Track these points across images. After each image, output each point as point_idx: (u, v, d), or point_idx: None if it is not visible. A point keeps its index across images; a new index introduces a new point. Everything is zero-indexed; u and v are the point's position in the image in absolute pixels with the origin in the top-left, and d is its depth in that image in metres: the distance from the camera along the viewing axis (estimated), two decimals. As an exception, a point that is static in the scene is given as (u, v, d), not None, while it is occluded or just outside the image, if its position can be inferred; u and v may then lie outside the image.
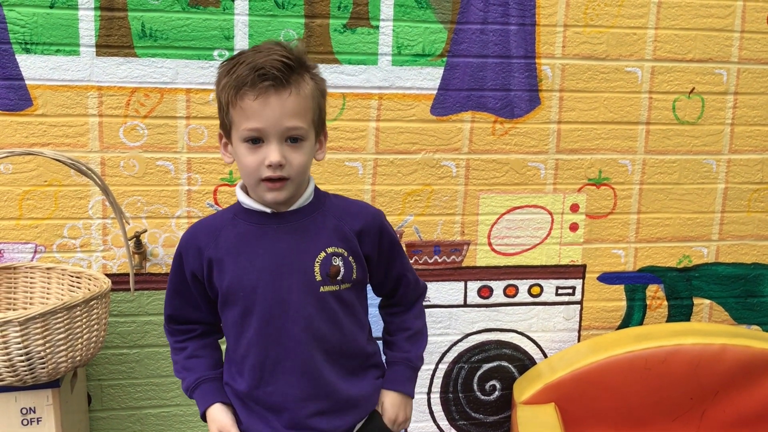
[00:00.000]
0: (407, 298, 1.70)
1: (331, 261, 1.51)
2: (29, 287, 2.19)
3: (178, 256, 1.57)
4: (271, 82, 1.39)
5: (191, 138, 2.28)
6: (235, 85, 1.41)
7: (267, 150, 1.42)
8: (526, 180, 2.48)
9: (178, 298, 1.60)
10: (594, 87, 2.46)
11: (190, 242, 1.56)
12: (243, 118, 1.42)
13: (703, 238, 2.64)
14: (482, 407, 2.62)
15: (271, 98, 1.40)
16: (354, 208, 1.59)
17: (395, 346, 1.68)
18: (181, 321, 1.62)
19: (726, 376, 2.42)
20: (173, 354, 1.65)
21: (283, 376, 1.51)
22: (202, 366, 1.61)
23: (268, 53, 1.41)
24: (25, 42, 2.15)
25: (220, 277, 1.52)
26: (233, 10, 2.23)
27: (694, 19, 2.47)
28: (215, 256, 1.52)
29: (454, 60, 2.37)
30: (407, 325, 1.70)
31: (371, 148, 2.37)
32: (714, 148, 2.58)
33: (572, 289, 2.59)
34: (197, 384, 1.59)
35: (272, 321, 1.50)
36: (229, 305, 1.53)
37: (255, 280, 1.50)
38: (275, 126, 1.41)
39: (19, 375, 1.82)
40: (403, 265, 1.67)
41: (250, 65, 1.40)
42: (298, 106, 1.43)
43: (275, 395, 1.52)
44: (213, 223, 1.57)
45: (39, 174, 2.22)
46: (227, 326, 1.57)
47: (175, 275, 1.59)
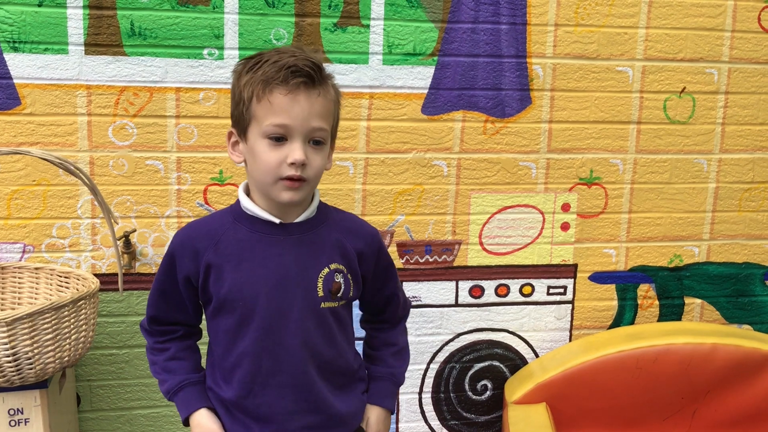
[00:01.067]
0: (395, 316, 1.69)
1: (334, 277, 1.51)
2: (17, 287, 2.17)
3: (169, 257, 1.52)
4: (303, 79, 1.38)
5: (181, 137, 2.27)
6: (264, 80, 1.38)
7: (290, 148, 1.39)
8: (518, 179, 2.48)
9: (164, 300, 1.55)
10: (585, 86, 2.46)
11: (185, 244, 1.50)
12: (269, 113, 1.39)
13: (694, 238, 2.64)
14: (474, 407, 2.61)
15: (301, 95, 1.38)
16: (355, 226, 1.58)
17: (380, 361, 1.67)
18: (164, 322, 1.58)
19: (717, 375, 2.42)
20: (152, 354, 1.59)
21: (274, 388, 1.49)
22: (185, 368, 1.57)
23: (295, 54, 1.40)
24: (13, 40, 2.14)
25: (217, 283, 1.48)
26: (223, 9, 2.22)
27: (685, 19, 2.47)
28: (214, 262, 1.48)
29: (445, 59, 2.36)
30: (393, 341, 1.68)
31: (362, 147, 2.37)
32: (705, 148, 2.58)
33: (563, 288, 2.59)
34: (181, 387, 1.55)
35: (271, 333, 1.47)
36: (223, 313, 1.50)
37: (257, 290, 1.46)
38: (302, 124, 1.39)
39: (6, 376, 1.81)
40: (395, 284, 1.66)
41: (278, 63, 1.38)
42: (324, 108, 1.42)
43: (264, 407, 1.50)
44: (211, 226, 1.51)
45: (27, 173, 2.21)
46: (217, 333, 1.53)
47: (165, 276, 1.53)
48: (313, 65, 1.39)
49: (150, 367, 1.60)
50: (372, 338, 1.70)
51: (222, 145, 2.28)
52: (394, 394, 1.67)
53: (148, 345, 1.60)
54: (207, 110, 2.26)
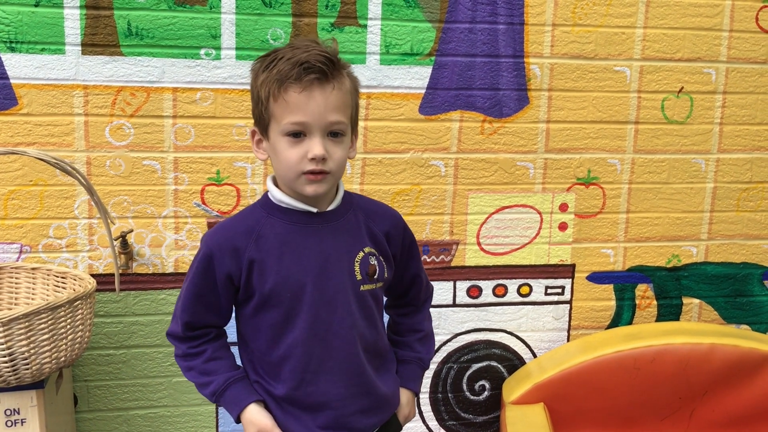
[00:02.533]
0: (418, 299, 1.71)
1: (369, 260, 1.54)
2: (14, 288, 2.17)
3: (206, 259, 1.49)
4: (316, 75, 1.39)
5: (178, 137, 2.27)
6: (278, 79, 1.40)
7: (310, 143, 1.41)
8: (515, 179, 2.47)
9: (201, 304, 1.53)
10: (583, 86, 2.46)
11: (223, 244, 1.49)
12: (286, 112, 1.41)
13: (693, 238, 2.63)
14: (471, 407, 2.61)
15: (316, 91, 1.40)
16: (379, 209, 1.61)
17: (407, 347, 1.70)
18: (198, 327, 1.55)
19: (715, 375, 2.42)
20: (186, 360, 1.56)
21: (326, 375, 1.51)
22: (226, 367, 1.55)
23: (308, 49, 1.41)
24: (10, 41, 2.13)
25: (261, 278, 1.48)
26: (220, 9, 2.22)
27: (682, 19, 2.47)
28: (257, 257, 1.48)
29: (442, 59, 2.36)
30: (419, 327, 1.71)
31: (359, 147, 2.36)
32: (703, 148, 2.57)
33: (561, 288, 2.59)
34: (227, 386, 1.53)
35: (320, 320, 1.49)
36: (268, 308, 1.50)
37: (302, 279, 1.48)
38: (319, 120, 1.41)
39: (3, 376, 1.80)
40: (418, 264, 1.69)
41: (291, 60, 1.40)
42: (340, 101, 1.43)
43: (316, 395, 1.51)
44: (247, 222, 1.51)
45: (24, 174, 2.20)
46: (260, 329, 1.52)
47: (201, 279, 1.50)
48: (325, 60, 1.40)
49: (185, 374, 1.57)
50: (397, 324, 1.72)
51: (219, 144, 2.28)
52: (420, 377, 1.70)
53: (180, 352, 1.56)
54: (204, 110, 2.26)
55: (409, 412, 1.68)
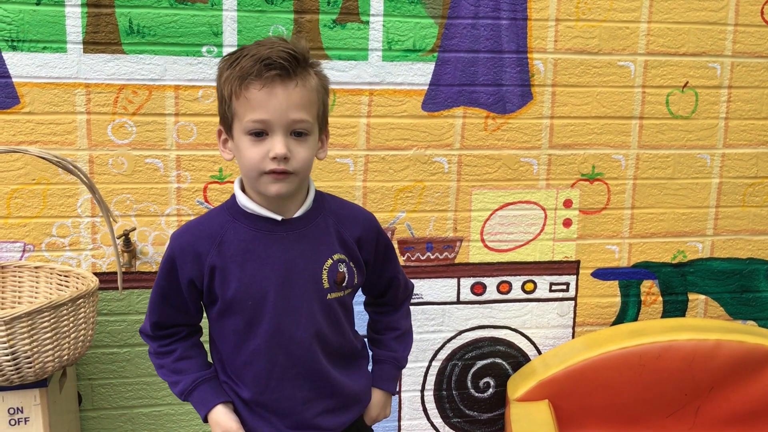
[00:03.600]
0: (397, 299, 1.69)
1: (338, 268, 1.51)
2: (17, 286, 2.17)
3: (169, 262, 1.49)
4: (277, 72, 1.35)
5: (180, 135, 2.26)
6: (240, 76, 1.37)
7: (272, 142, 1.37)
8: (519, 176, 2.46)
9: (167, 305, 1.53)
10: (587, 82, 2.44)
11: (186, 248, 1.48)
12: (248, 109, 1.37)
13: (698, 233, 2.62)
14: (476, 404, 2.60)
15: (278, 88, 1.36)
16: (351, 213, 1.57)
17: (383, 345, 1.68)
18: (166, 326, 1.56)
19: (721, 371, 2.40)
20: (157, 358, 1.57)
21: (290, 382, 1.50)
22: (195, 366, 1.56)
23: (272, 46, 1.38)
24: (12, 39, 2.13)
25: (222, 285, 1.47)
26: (221, 6, 2.21)
27: (687, 13, 2.45)
28: (218, 263, 1.46)
29: (445, 55, 2.35)
30: (395, 325, 1.69)
31: (362, 144, 2.36)
32: (708, 143, 2.56)
33: (566, 285, 2.58)
34: (195, 385, 1.54)
35: (282, 330, 1.47)
36: (230, 314, 1.49)
37: (264, 288, 1.46)
38: (281, 117, 1.37)
39: (6, 374, 1.81)
40: (395, 267, 1.66)
41: (254, 56, 1.36)
42: (304, 99, 1.39)
43: (281, 400, 1.51)
44: (211, 226, 1.49)
45: (27, 172, 2.20)
46: (224, 334, 1.52)
47: (166, 281, 1.51)
48: (288, 56, 1.36)
49: (157, 371, 1.58)
50: (375, 322, 1.71)
51: (221, 142, 2.28)
52: (396, 377, 1.69)
53: (152, 349, 1.58)
54: (206, 108, 2.25)
55: (378, 413, 1.65)
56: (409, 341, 1.71)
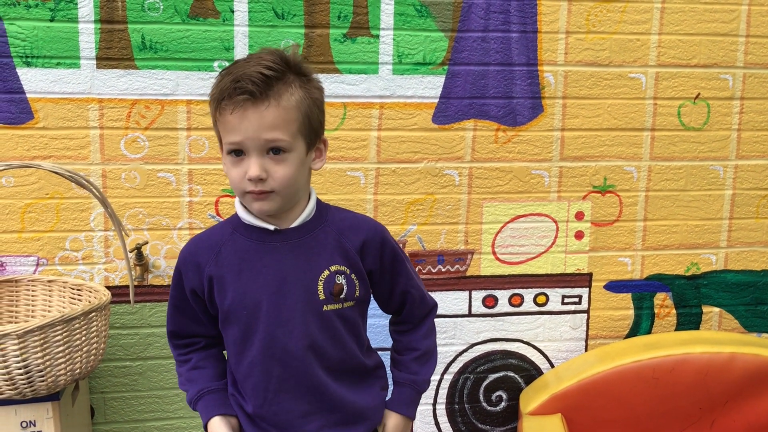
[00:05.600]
0: (414, 316, 1.64)
1: (335, 279, 1.49)
2: (31, 300, 2.19)
3: (177, 273, 1.54)
4: (246, 96, 1.36)
5: (192, 149, 2.28)
6: (218, 98, 1.39)
7: (248, 163, 1.39)
8: (530, 188, 2.46)
9: (179, 314, 1.57)
10: (597, 94, 2.44)
11: (188, 259, 1.52)
12: (225, 131, 1.40)
13: (712, 245, 2.60)
14: (489, 418, 2.59)
15: (249, 111, 1.36)
16: (355, 222, 1.55)
17: (403, 366, 1.63)
18: (183, 336, 1.60)
19: (735, 385, 2.38)
20: (177, 366, 1.62)
21: (287, 394, 1.49)
22: (205, 377, 1.58)
23: (251, 64, 1.38)
24: (26, 55, 2.16)
25: (220, 294, 1.49)
26: (233, 21, 2.23)
27: (698, 24, 2.45)
28: (216, 273, 1.49)
29: (455, 68, 2.36)
30: (415, 345, 1.64)
31: (373, 157, 2.36)
32: (721, 154, 2.55)
33: (578, 297, 2.56)
34: (200, 396, 1.56)
35: (276, 340, 1.47)
36: (230, 323, 1.51)
37: (257, 298, 1.47)
38: (254, 139, 1.37)
39: (18, 388, 1.82)
40: (407, 281, 1.61)
41: (232, 76, 1.37)
42: (278, 118, 1.38)
43: (282, 414, 1.50)
44: (212, 238, 1.52)
45: (40, 187, 2.22)
46: (228, 344, 1.54)
47: (176, 291, 1.55)
48: (260, 77, 1.35)
49: (178, 380, 1.62)
50: (395, 342, 1.67)
51: (233, 156, 2.29)
52: (415, 401, 1.63)
53: (175, 358, 1.63)
54: (218, 122, 2.27)
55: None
56: (431, 363, 1.65)
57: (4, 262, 2.24)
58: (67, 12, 2.16)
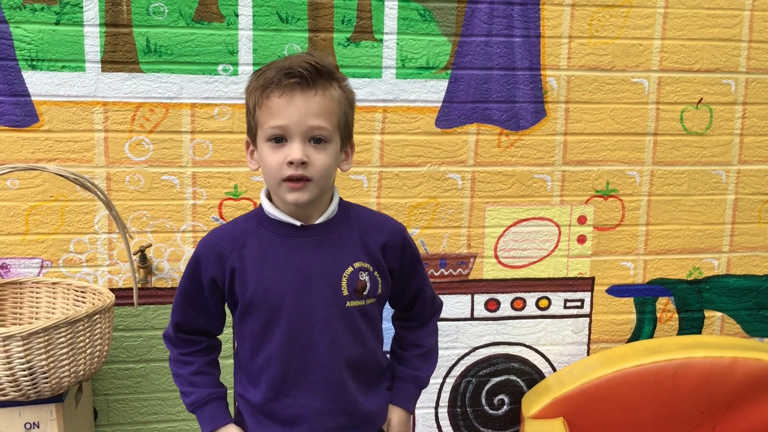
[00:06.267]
0: (423, 314, 1.68)
1: (359, 276, 1.51)
2: (35, 302, 2.19)
3: (195, 262, 1.53)
4: (296, 80, 1.39)
5: (196, 152, 2.29)
6: (262, 85, 1.41)
7: (290, 148, 1.40)
8: (533, 192, 2.47)
9: (188, 305, 1.56)
10: (600, 98, 2.44)
11: (210, 249, 1.52)
12: (268, 117, 1.41)
13: (714, 250, 2.60)
14: (491, 422, 2.59)
15: (296, 96, 1.39)
16: (378, 221, 1.58)
17: (407, 362, 1.66)
18: (188, 330, 1.58)
19: (737, 389, 2.38)
20: (176, 366, 1.59)
21: (305, 388, 1.50)
22: (210, 383, 1.58)
23: (296, 57, 1.43)
24: (31, 58, 2.17)
25: (242, 287, 1.49)
26: (237, 25, 2.24)
27: (700, 29, 2.46)
28: (239, 266, 1.49)
29: (458, 72, 2.37)
30: (421, 342, 1.68)
31: (376, 161, 2.37)
32: (723, 159, 2.55)
33: (581, 301, 2.57)
34: (209, 400, 1.55)
35: (298, 335, 1.48)
36: (249, 316, 1.51)
37: (281, 292, 1.47)
38: (299, 123, 1.40)
39: (22, 389, 1.82)
40: (422, 279, 1.65)
41: (278, 67, 1.41)
42: (323, 107, 1.41)
43: (294, 407, 1.50)
44: (236, 230, 1.53)
45: (45, 189, 2.23)
46: (243, 336, 1.54)
47: (190, 281, 1.54)
48: (309, 66, 1.40)
49: (174, 378, 1.60)
50: (400, 337, 1.70)
51: (237, 159, 2.30)
52: (417, 396, 1.67)
53: (172, 356, 1.60)
54: (222, 125, 2.28)
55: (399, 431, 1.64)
56: (433, 361, 1.69)
57: (8, 264, 2.25)
58: (72, 15, 2.17)
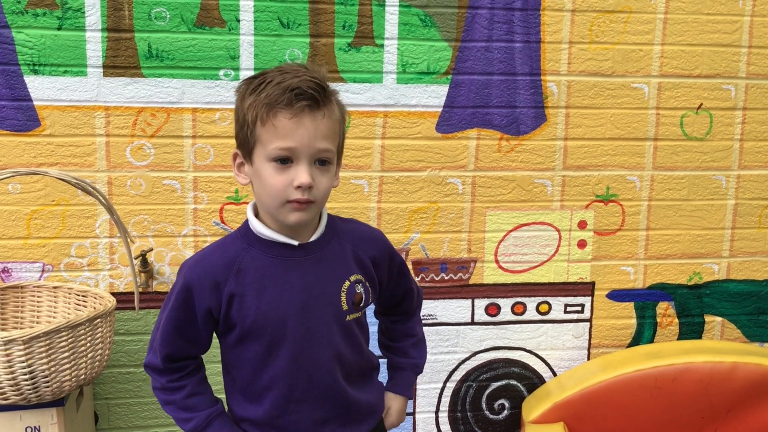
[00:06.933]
0: (411, 307, 1.72)
1: (355, 289, 1.51)
2: (36, 306, 2.20)
3: (185, 292, 1.46)
4: (307, 102, 1.37)
5: (197, 157, 2.29)
6: (268, 103, 1.37)
7: (296, 171, 1.38)
8: (533, 197, 2.47)
9: (179, 337, 1.49)
10: (600, 103, 2.45)
11: (204, 278, 1.45)
12: (274, 137, 1.37)
13: (714, 255, 2.61)
14: (491, 426, 2.59)
15: (306, 118, 1.37)
16: (364, 234, 1.59)
17: (401, 352, 1.71)
18: (178, 359, 1.52)
19: (737, 394, 2.38)
20: (165, 393, 1.52)
21: (309, 403, 1.50)
22: (206, 402, 1.53)
23: (298, 74, 1.39)
24: (33, 63, 2.18)
25: (240, 312, 1.46)
26: (239, 30, 2.25)
27: (701, 35, 2.46)
28: (237, 291, 1.45)
29: (459, 77, 2.37)
30: (412, 332, 1.72)
31: (377, 165, 2.38)
32: (723, 164, 2.55)
33: (581, 306, 2.57)
34: (209, 421, 1.51)
35: (303, 354, 1.47)
36: (249, 340, 1.48)
37: (283, 314, 1.46)
38: (307, 147, 1.38)
39: (24, 394, 1.83)
40: (409, 279, 1.69)
41: (282, 85, 1.37)
42: (330, 129, 1.41)
43: (300, 422, 1.50)
44: (226, 255, 1.47)
45: (47, 194, 2.24)
46: (242, 359, 1.50)
47: (181, 312, 1.47)
48: (317, 86, 1.38)
49: (164, 407, 1.54)
50: (390, 330, 1.73)
51: (238, 164, 2.30)
52: (413, 383, 1.75)
53: (159, 385, 1.53)
54: (223, 130, 2.28)
55: (397, 418, 1.69)
56: (425, 348, 1.74)
57: (9, 268, 2.26)
58: (74, 20, 2.18)
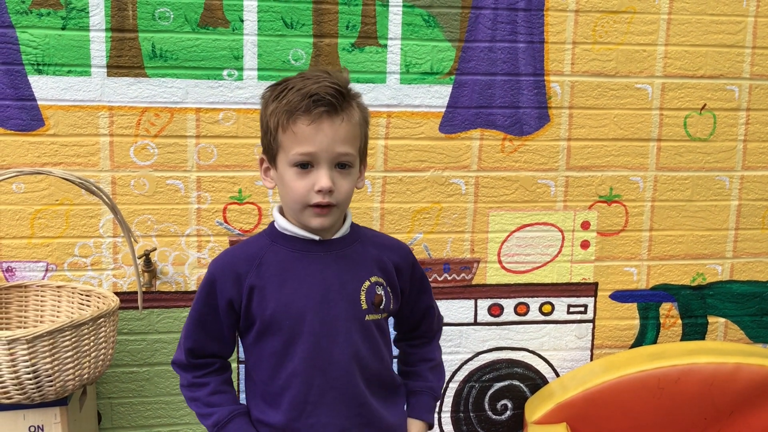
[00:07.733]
0: (431, 330, 1.70)
1: (375, 290, 1.52)
2: (40, 306, 2.20)
3: (209, 285, 1.51)
4: (325, 108, 1.40)
5: (201, 157, 2.29)
6: (288, 110, 1.41)
7: (317, 175, 1.41)
8: (536, 197, 2.47)
9: (201, 331, 1.53)
10: (604, 104, 2.45)
11: (226, 270, 1.50)
12: (294, 143, 1.41)
13: (717, 256, 2.61)
14: (494, 427, 2.59)
15: (324, 124, 1.40)
16: (388, 242, 1.60)
17: (418, 377, 1.67)
18: (201, 355, 1.55)
19: (741, 395, 2.38)
20: (191, 390, 1.55)
21: (327, 407, 1.49)
22: (229, 400, 1.55)
23: (318, 80, 1.42)
24: (38, 63, 2.18)
25: (261, 305, 1.48)
26: (242, 31, 2.25)
27: (704, 36, 2.46)
28: (257, 284, 1.48)
29: (462, 78, 2.37)
30: (430, 357, 1.69)
31: (380, 165, 2.38)
32: (727, 165, 2.55)
33: (584, 307, 2.57)
34: (231, 417, 1.52)
35: (320, 349, 1.48)
36: (269, 334, 1.49)
37: (302, 307, 1.47)
38: (327, 151, 1.41)
39: (27, 393, 1.83)
40: (430, 296, 1.68)
41: (302, 91, 1.40)
42: (349, 133, 1.43)
43: (317, 427, 1.49)
44: (250, 249, 1.52)
45: (50, 193, 2.24)
46: (262, 357, 1.52)
47: (204, 305, 1.51)
48: (335, 92, 1.41)
49: (189, 404, 1.56)
50: (408, 355, 1.70)
51: (241, 164, 2.31)
52: (434, 408, 1.68)
53: (185, 382, 1.56)
54: (226, 130, 2.29)
55: None
56: (443, 373, 1.71)
57: (13, 267, 2.26)
58: (78, 20, 2.18)
